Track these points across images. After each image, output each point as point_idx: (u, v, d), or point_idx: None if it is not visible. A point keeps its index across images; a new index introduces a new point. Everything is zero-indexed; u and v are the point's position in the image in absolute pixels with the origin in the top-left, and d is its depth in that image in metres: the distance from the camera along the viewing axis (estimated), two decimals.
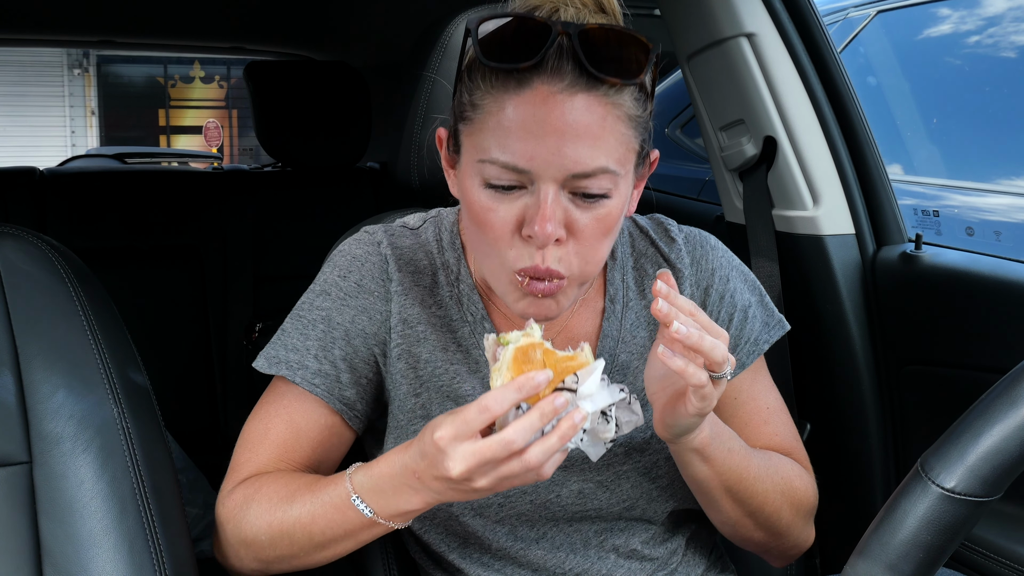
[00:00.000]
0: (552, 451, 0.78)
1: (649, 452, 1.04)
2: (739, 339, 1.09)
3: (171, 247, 2.57)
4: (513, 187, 0.88)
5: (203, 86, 16.54)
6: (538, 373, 0.76)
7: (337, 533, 0.92)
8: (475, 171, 0.91)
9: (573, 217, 0.88)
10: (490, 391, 0.77)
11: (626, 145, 0.89)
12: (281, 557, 0.97)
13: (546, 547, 1.04)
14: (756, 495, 1.00)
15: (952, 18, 2.75)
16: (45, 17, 2.63)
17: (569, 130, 0.85)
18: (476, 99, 0.90)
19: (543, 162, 0.86)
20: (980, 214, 2.51)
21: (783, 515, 1.04)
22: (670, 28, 1.65)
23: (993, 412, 0.64)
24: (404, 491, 0.86)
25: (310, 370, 1.02)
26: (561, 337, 1.06)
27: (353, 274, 1.04)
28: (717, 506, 1.02)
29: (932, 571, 0.64)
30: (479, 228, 0.92)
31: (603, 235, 0.91)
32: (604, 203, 0.89)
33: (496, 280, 0.95)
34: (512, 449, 0.76)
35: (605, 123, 0.87)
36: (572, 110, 0.85)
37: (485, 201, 0.90)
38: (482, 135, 0.89)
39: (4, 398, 0.97)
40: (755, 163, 1.59)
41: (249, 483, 1.00)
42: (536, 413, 0.76)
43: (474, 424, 0.77)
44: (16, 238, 1.05)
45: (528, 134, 0.86)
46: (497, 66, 0.87)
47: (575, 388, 0.80)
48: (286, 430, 1.02)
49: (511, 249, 0.90)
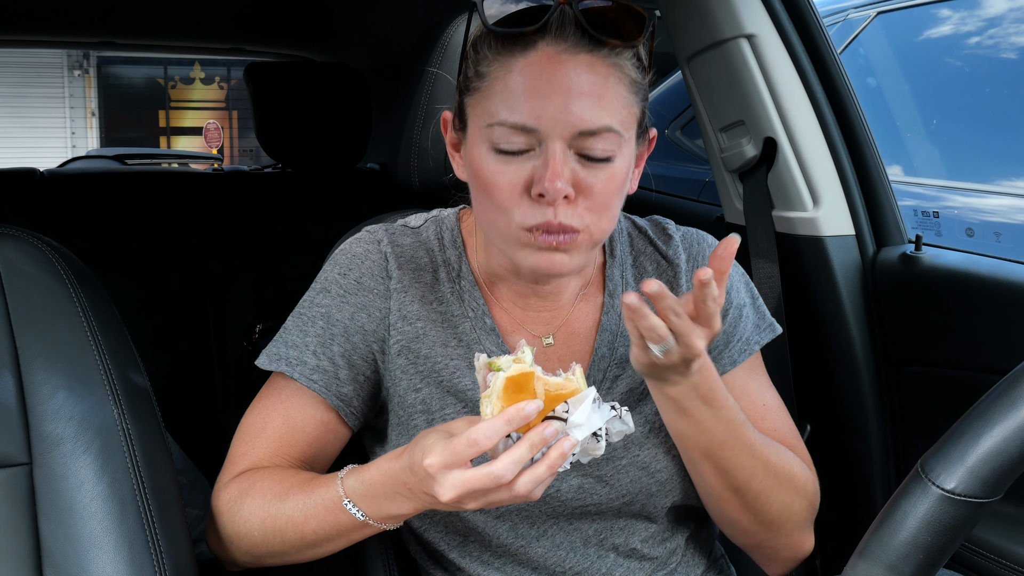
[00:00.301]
0: (540, 480, 0.80)
1: (648, 447, 1.05)
2: (731, 336, 1.10)
3: (171, 248, 2.57)
4: (521, 151, 0.91)
5: (203, 87, 16.54)
6: (528, 404, 0.78)
7: (329, 533, 0.94)
8: (483, 137, 0.93)
9: (580, 178, 0.91)
10: (480, 425, 0.78)
11: (628, 109, 0.93)
12: (272, 553, 0.99)
13: (546, 545, 1.05)
14: (740, 469, 0.99)
15: (952, 19, 2.75)
16: (45, 18, 2.63)
17: (574, 88, 0.89)
18: (482, 68, 0.94)
19: (550, 120, 0.89)
20: (980, 215, 2.51)
21: (772, 501, 1.02)
22: (670, 29, 1.65)
23: (993, 413, 0.64)
24: (395, 498, 0.88)
25: (308, 366, 1.03)
26: (562, 332, 1.07)
27: (353, 272, 1.06)
28: (698, 471, 1.02)
29: (932, 572, 0.64)
30: (488, 194, 0.93)
31: (611, 196, 0.93)
32: (609, 167, 0.92)
33: (507, 242, 0.96)
34: (500, 482, 0.79)
35: (608, 83, 0.91)
36: (576, 70, 0.90)
37: (493, 165, 0.92)
38: (490, 101, 0.93)
39: (4, 399, 0.97)
40: (755, 164, 1.59)
41: (245, 477, 1.01)
42: (526, 445, 0.78)
43: (464, 456, 0.79)
44: (16, 239, 1.05)
45: (535, 93, 0.89)
46: (504, 31, 0.92)
47: (565, 417, 0.80)
48: (283, 424, 1.04)
49: (520, 209, 0.92)
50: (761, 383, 1.12)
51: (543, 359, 1.07)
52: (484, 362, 0.84)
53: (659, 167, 3.00)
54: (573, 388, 0.81)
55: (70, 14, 2.60)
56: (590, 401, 0.80)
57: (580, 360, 1.07)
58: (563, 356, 1.07)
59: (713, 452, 0.98)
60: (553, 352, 1.07)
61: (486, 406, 0.80)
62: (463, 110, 0.98)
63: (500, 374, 0.80)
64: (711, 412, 0.95)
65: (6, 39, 3.06)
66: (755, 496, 1.01)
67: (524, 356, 0.82)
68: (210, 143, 14.43)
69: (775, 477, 1.01)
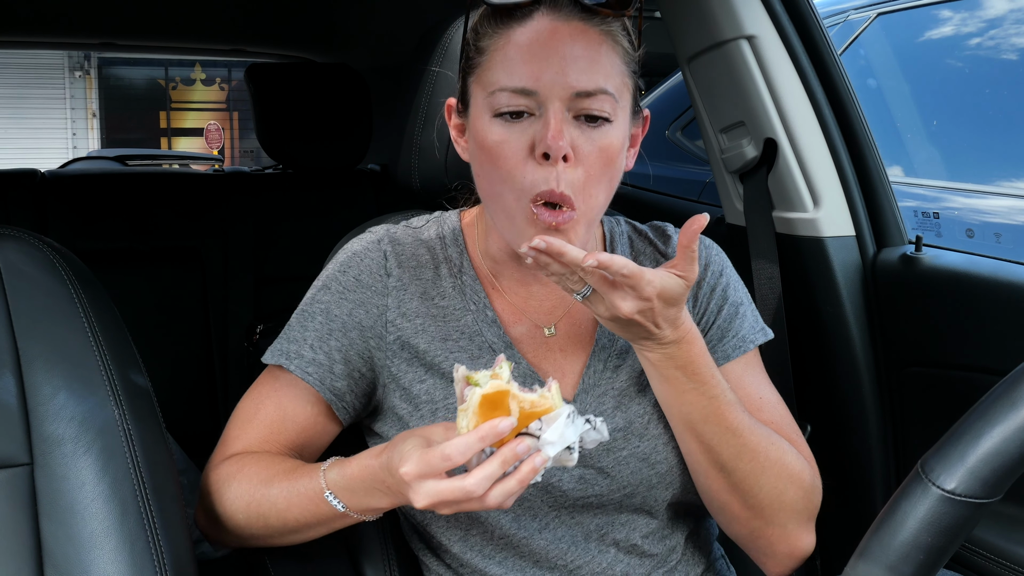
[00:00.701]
0: (511, 493, 0.83)
1: (648, 438, 1.07)
2: (727, 331, 1.12)
3: (172, 249, 2.57)
4: (522, 113, 0.96)
5: (204, 88, 16.56)
6: (502, 421, 0.81)
7: (310, 521, 0.98)
8: (485, 107, 0.98)
9: (578, 143, 0.96)
10: (454, 440, 0.81)
11: (621, 77, 0.99)
12: (256, 536, 1.03)
13: (548, 538, 1.06)
14: (725, 447, 1.00)
15: (953, 20, 2.75)
16: (46, 20, 2.64)
17: (570, 53, 0.95)
18: (482, 44, 1.00)
19: (549, 82, 0.94)
20: (980, 216, 2.51)
21: (762, 485, 1.02)
22: (670, 30, 1.65)
23: (993, 414, 0.64)
24: (374, 493, 0.92)
25: (305, 359, 1.07)
26: (563, 322, 1.10)
27: (352, 269, 1.10)
28: (685, 445, 1.04)
29: (932, 572, 0.64)
30: (493, 162, 0.97)
31: (608, 163, 0.98)
32: (606, 129, 0.96)
33: (513, 218, 0.98)
34: (471, 497, 0.82)
35: (601, 49, 0.97)
36: (572, 36, 0.96)
37: (497, 132, 0.97)
38: (490, 71, 0.98)
39: (5, 400, 0.97)
40: (755, 165, 1.59)
41: (234, 460, 1.06)
42: (498, 461, 0.81)
43: (437, 469, 0.82)
44: (17, 240, 1.05)
45: (533, 57, 0.95)
46: (502, 3, 0.98)
47: (539, 435, 0.83)
48: (274, 412, 1.09)
49: (526, 175, 0.95)
50: (758, 378, 1.13)
51: (545, 349, 1.09)
52: (462, 375, 0.86)
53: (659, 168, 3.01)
54: (548, 406, 0.83)
55: (71, 15, 2.60)
56: (563, 419, 0.83)
57: (582, 350, 1.09)
58: (564, 346, 1.09)
59: (695, 425, 1.00)
60: (555, 342, 1.10)
61: (462, 419, 0.83)
62: (466, 92, 1.03)
63: (476, 390, 0.82)
64: (692, 385, 0.98)
65: (7, 40, 3.07)
66: (742, 477, 1.01)
67: (501, 372, 0.84)
68: (211, 144, 14.43)
69: (765, 460, 1.01)
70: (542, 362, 1.08)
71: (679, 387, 0.99)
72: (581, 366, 1.09)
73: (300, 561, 1.08)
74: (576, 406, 1.06)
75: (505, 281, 1.11)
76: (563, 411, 0.83)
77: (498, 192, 0.98)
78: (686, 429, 1.02)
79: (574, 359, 1.09)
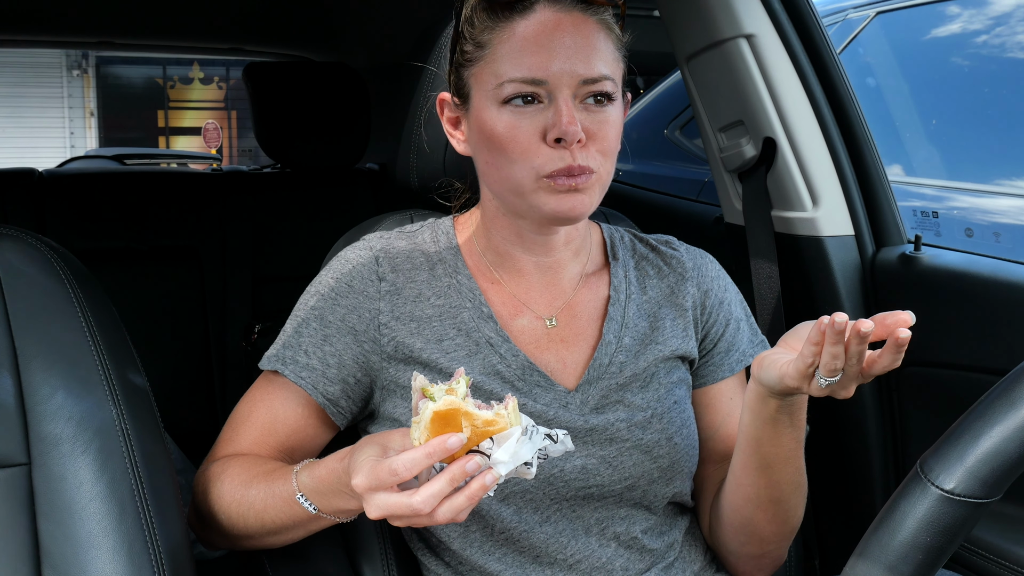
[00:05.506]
0: (459, 509, 0.83)
1: (651, 431, 1.08)
2: (732, 346, 1.18)
3: (170, 248, 2.56)
4: (532, 100, 0.99)
5: (202, 87, 16.54)
6: (451, 437, 0.81)
7: (286, 523, 0.99)
8: (492, 98, 1.01)
9: (587, 124, 1.00)
10: (402, 456, 0.82)
11: (616, 63, 1.04)
12: (239, 536, 1.04)
13: (549, 531, 1.06)
14: (787, 484, 1.04)
15: (953, 19, 2.75)
16: (44, 18, 2.63)
17: (574, 43, 1.00)
18: (482, 38, 1.02)
19: (557, 71, 0.99)
20: (979, 215, 2.51)
21: (799, 514, 1.08)
22: (669, 29, 1.65)
23: (992, 414, 0.64)
24: (341, 496, 0.93)
25: (299, 364, 1.08)
26: (564, 314, 1.12)
27: (345, 275, 1.11)
28: (750, 479, 1.05)
29: (931, 572, 0.64)
30: (504, 150, 1.00)
31: (615, 139, 1.03)
32: (610, 112, 1.02)
33: (524, 193, 1.02)
34: (419, 513, 0.82)
35: (600, 37, 1.02)
36: (574, 26, 1.01)
37: (507, 119, 1.00)
38: (495, 64, 1.01)
39: (3, 399, 0.97)
40: (754, 164, 1.59)
41: (223, 461, 1.07)
42: (446, 478, 0.81)
43: (386, 483, 0.83)
44: (15, 239, 1.05)
45: (540, 48, 0.99)
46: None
47: (489, 454, 0.82)
48: (266, 416, 1.10)
49: (540, 156, 0.99)
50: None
51: (547, 340, 1.10)
52: (419, 385, 0.86)
53: (659, 167, 3.01)
54: (501, 425, 0.82)
55: (69, 14, 2.60)
56: (515, 439, 0.82)
57: (584, 340, 1.11)
58: (566, 337, 1.11)
59: (775, 463, 1.02)
60: (556, 333, 1.11)
61: (415, 431, 0.83)
62: (462, 84, 1.05)
63: (429, 405, 0.82)
64: (792, 430, 1.00)
65: (5, 39, 3.06)
66: (789, 508, 1.07)
67: (458, 388, 0.84)
68: (209, 143, 14.42)
69: (804, 491, 1.07)
70: (544, 353, 1.09)
71: (780, 429, 0.99)
72: (583, 356, 1.10)
73: (297, 561, 1.07)
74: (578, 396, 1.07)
75: (506, 273, 1.12)
76: (514, 432, 0.82)
77: (508, 174, 1.01)
78: (763, 467, 1.03)
79: (576, 350, 1.11)
